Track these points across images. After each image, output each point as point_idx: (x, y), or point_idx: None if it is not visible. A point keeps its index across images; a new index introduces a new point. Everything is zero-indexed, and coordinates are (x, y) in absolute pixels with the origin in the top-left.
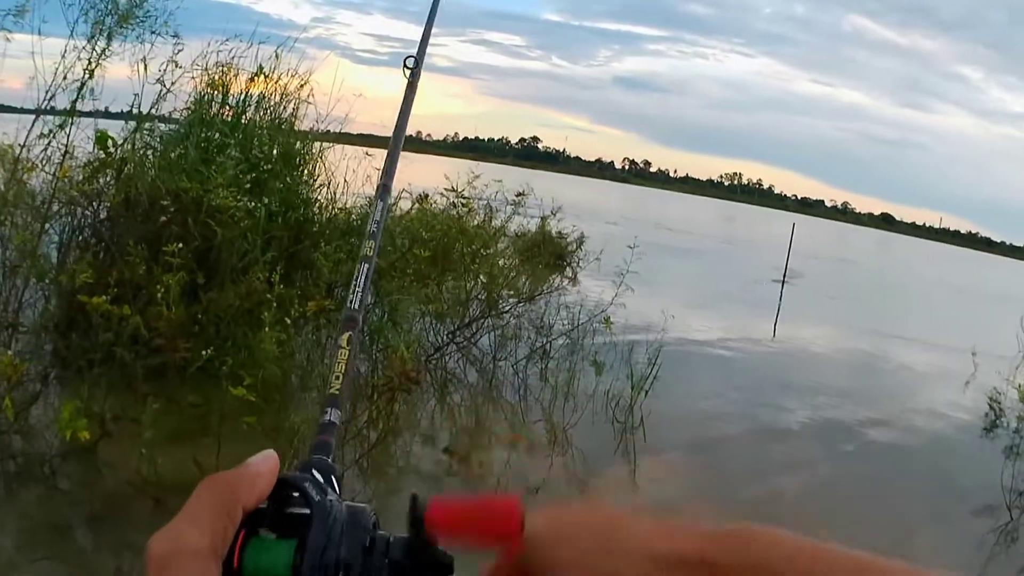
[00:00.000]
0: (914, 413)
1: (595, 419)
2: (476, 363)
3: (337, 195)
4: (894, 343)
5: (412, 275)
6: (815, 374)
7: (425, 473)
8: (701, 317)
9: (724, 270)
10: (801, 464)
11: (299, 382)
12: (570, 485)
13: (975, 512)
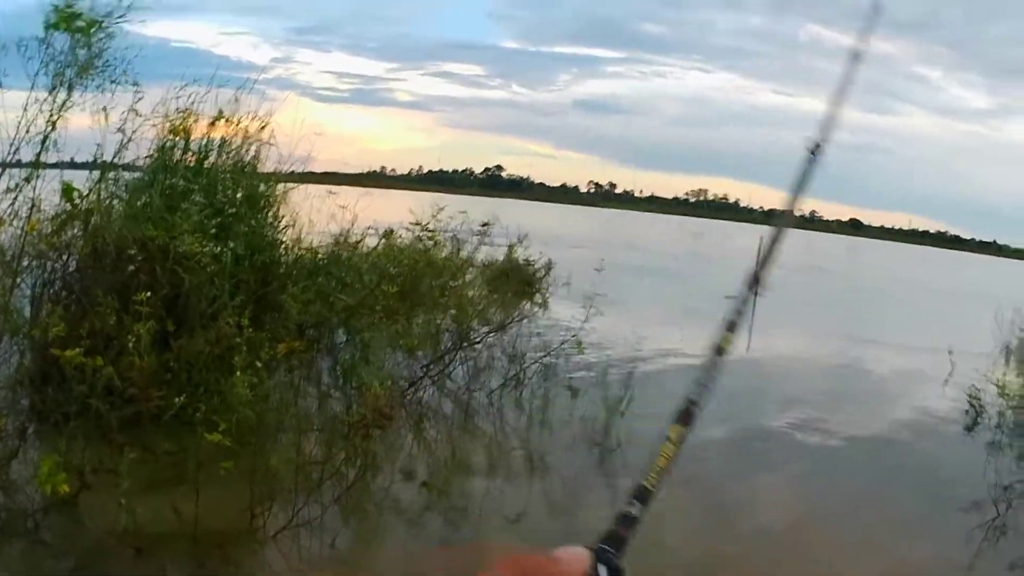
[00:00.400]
0: (895, 415)
1: (573, 444)
2: (451, 395)
3: (302, 235)
4: (871, 347)
5: (381, 312)
6: (794, 383)
7: (405, 509)
8: (674, 335)
9: (694, 286)
10: (788, 472)
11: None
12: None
13: (963, 509)
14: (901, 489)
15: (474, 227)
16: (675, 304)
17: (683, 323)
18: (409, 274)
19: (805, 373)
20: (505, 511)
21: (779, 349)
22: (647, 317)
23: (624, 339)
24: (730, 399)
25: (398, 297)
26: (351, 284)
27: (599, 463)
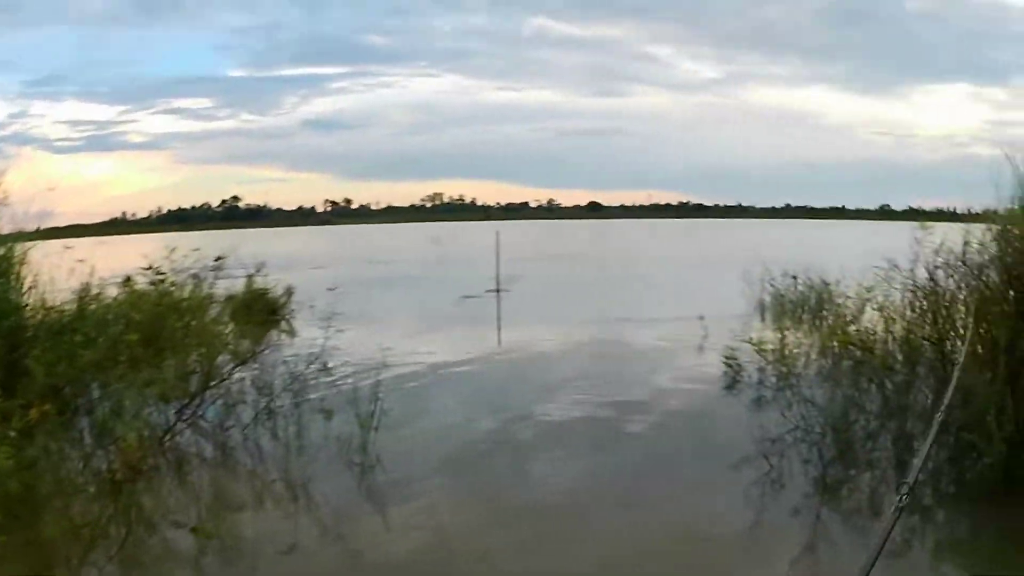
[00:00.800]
0: (658, 387)
1: (331, 466)
2: (207, 435)
3: (46, 295)
4: (624, 326)
5: (126, 362)
6: (553, 372)
7: (179, 557)
8: (416, 341)
9: (439, 291)
10: (563, 457)
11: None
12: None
13: (736, 466)
14: (675, 457)
15: (208, 263)
16: (416, 311)
17: (424, 329)
18: (152, 319)
19: (563, 360)
20: (277, 543)
21: (533, 341)
22: (390, 328)
23: (369, 354)
24: (493, 397)
25: (144, 344)
26: (95, 338)
27: (360, 481)
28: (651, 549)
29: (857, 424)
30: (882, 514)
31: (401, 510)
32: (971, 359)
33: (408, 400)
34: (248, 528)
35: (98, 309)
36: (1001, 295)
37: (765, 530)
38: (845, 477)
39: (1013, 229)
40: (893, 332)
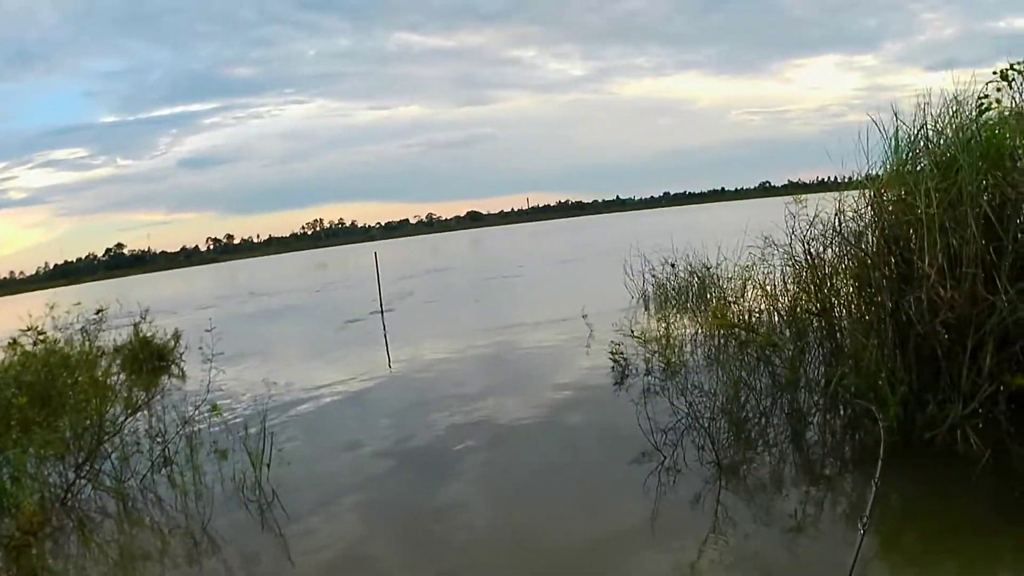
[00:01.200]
0: (550, 389)
1: (229, 507)
2: (107, 490)
3: None
4: (510, 333)
5: (17, 425)
6: (444, 386)
7: None
8: (312, 370)
9: (324, 317)
10: (467, 470)
11: None
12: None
13: (634, 461)
14: (574, 459)
15: (90, 316)
16: (303, 340)
17: (312, 357)
18: (43, 379)
19: (454, 373)
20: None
21: (423, 357)
22: (278, 360)
23: (259, 388)
24: (388, 417)
25: (38, 403)
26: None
27: (259, 519)
28: (567, 552)
29: (748, 404)
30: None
31: (302, 541)
32: (858, 325)
33: (302, 430)
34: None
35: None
36: (881, 260)
37: (669, 520)
38: (742, 458)
39: (886, 192)
40: (778, 308)
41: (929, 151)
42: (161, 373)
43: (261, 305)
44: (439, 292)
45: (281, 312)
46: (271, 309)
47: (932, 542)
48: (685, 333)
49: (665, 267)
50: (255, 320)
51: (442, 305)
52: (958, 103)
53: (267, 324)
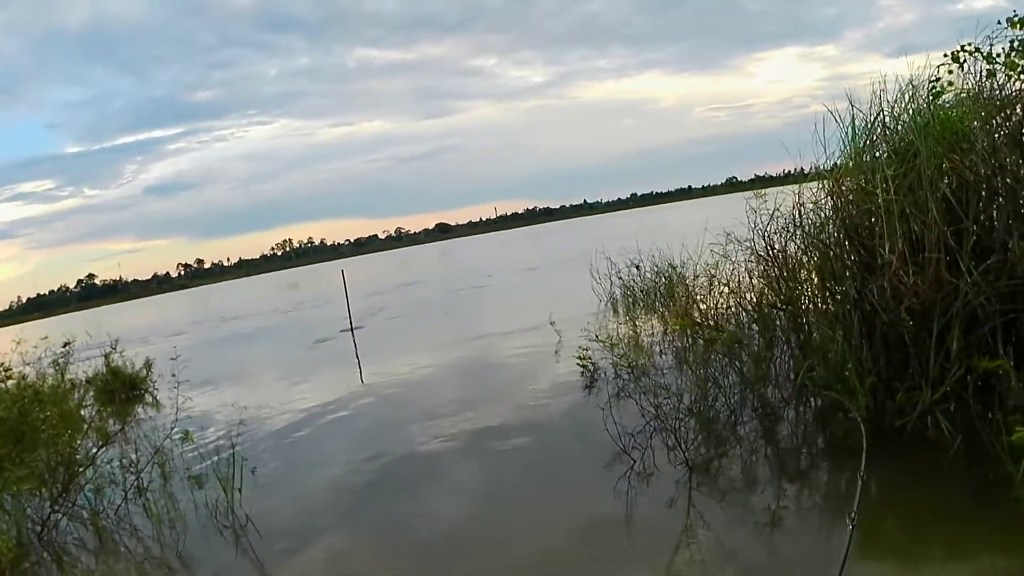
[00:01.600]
0: (522, 398)
1: (205, 534)
2: (83, 522)
3: None
4: (479, 344)
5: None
6: (417, 401)
7: None
8: (284, 393)
9: (295, 338)
10: (442, 483)
11: None
12: None
13: (606, 465)
14: (548, 468)
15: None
16: (274, 362)
17: (284, 378)
18: (16, 414)
19: (426, 388)
20: None
21: (394, 373)
22: (250, 384)
23: (231, 413)
24: (361, 436)
25: (12, 439)
26: None
27: (234, 544)
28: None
29: (717, 403)
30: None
31: (279, 565)
32: (823, 317)
33: (278, 452)
34: None
35: None
36: (843, 250)
37: (643, 523)
38: (712, 456)
39: (846, 182)
40: (743, 304)
41: (887, 137)
42: (134, 403)
43: (232, 329)
44: (409, 306)
45: (252, 335)
46: (242, 333)
47: (908, 529)
48: (654, 334)
49: (631, 269)
50: (226, 344)
51: (412, 319)
52: (914, 88)
53: (238, 348)
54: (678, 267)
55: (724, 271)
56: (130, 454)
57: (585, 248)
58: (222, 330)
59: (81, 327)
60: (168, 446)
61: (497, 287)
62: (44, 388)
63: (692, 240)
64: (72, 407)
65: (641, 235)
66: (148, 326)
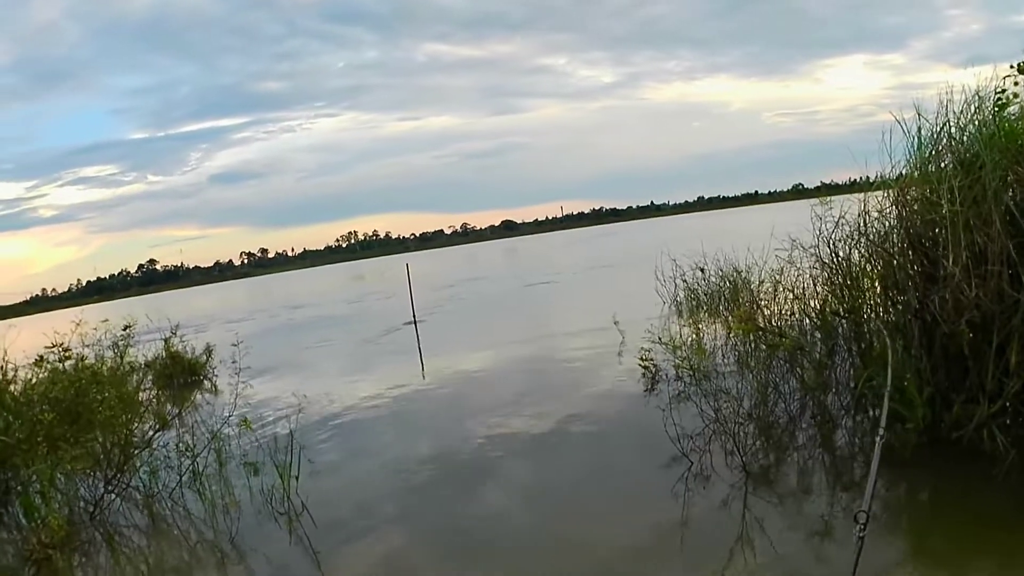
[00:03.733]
0: (583, 398)
1: (259, 520)
2: (135, 504)
3: None
4: (542, 342)
5: (44, 442)
6: (478, 396)
7: None
8: (346, 382)
9: (357, 330)
10: (499, 479)
11: None
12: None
13: (664, 466)
14: (606, 467)
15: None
16: (337, 352)
17: (346, 369)
18: (73, 395)
19: (487, 384)
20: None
21: (456, 368)
22: (312, 373)
23: (292, 401)
24: (420, 429)
25: (68, 420)
26: (13, 423)
27: (288, 532)
28: (599, 559)
29: (777, 408)
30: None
31: (333, 554)
32: (884, 326)
33: (336, 441)
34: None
35: (16, 392)
36: (906, 259)
37: (698, 526)
38: (770, 462)
39: (911, 192)
40: (806, 311)
41: (952, 148)
42: (193, 388)
43: (295, 318)
44: (473, 302)
45: (315, 325)
46: (305, 322)
47: (959, 541)
48: (716, 338)
49: (695, 272)
50: (289, 333)
51: (476, 315)
52: (979, 99)
53: (300, 337)
54: (743, 272)
55: (788, 277)
56: (186, 438)
57: (650, 249)
58: (285, 319)
59: (141, 311)
60: (225, 432)
61: (561, 286)
62: (102, 370)
63: (758, 245)
64: (130, 390)
65: (707, 238)
66: (210, 313)
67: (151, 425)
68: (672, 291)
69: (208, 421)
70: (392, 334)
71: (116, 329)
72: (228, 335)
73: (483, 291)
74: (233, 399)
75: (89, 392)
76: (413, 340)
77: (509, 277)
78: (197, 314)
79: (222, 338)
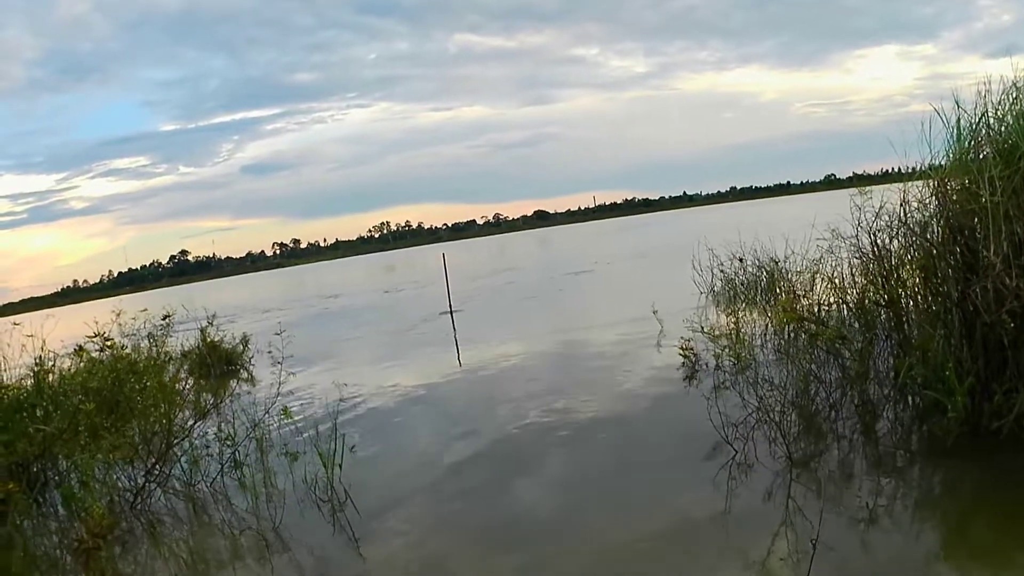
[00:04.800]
0: (622, 387)
1: (301, 509)
2: (176, 493)
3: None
4: (580, 332)
5: (85, 431)
6: (516, 385)
7: None
8: (382, 372)
9: (392, 320)
10: (539, 468)
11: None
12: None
13: (706, 456)
14: (647, 455)
15: (157, 323)
16: (372, 342)
17: (382, 358)
18: (111, 385)
19: (526, 372)
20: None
21: (493, 357)
22: (349, 362)
23: (330, 390)
24: (459, 417)
25: (106, 409)
26: (52, 412)
27: (331, 520)
28: (639, 549)
29: (819, 397)
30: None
31: (375, 542)
32: (924, 316)
33: (375, 430)
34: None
35: (55, 382)
36: (946, 249)
37: (741, 514)
38: (812, 451)
39: (950, 182)
40: (846, 301)
41: (991, 139)
42: (230, 377)
43: (329, 308)
44: (508, 292)
45: (350, 315)
46: (339, 312)
47: (998, 530)
48: (754, 328)
49: (733, 262)
50: (324, 323)
51: (511, 304)
52: (1017, 89)
53: (336, 327)
54: (780, 262)
55: (827, 267)
56: (226, 428)
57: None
58: (319, 309)
59: (174, 302)
60: (265, 421)
61: (597, 275)
62: (140, 359)
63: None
64: (167, 379)
65: (742, 229)
66: (243, 303)
67: (191, 414)
68: (709, 281)
69: (248, 410)
70: (428, 324)
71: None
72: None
73: (518, 281)
74: (276, 388)
75: (127, 382)
76: (449, 330)
77: (543, 267)
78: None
79: (258, 328)
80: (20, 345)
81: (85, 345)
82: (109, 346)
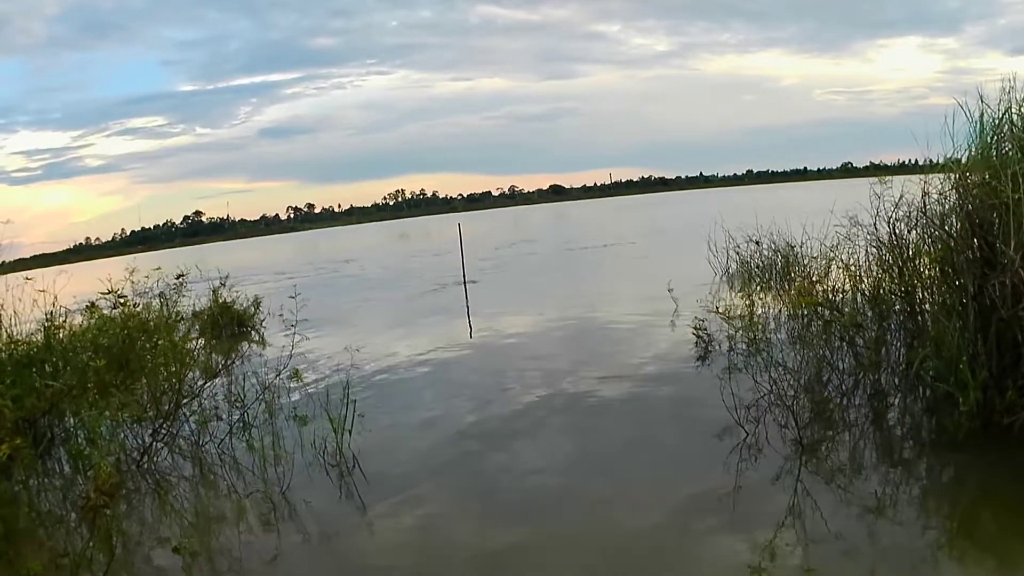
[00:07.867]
0: (634, 364)
1: (310, 473)
2: (183, 453)
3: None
4: (593, 305)
5: (94, 388)
6: (528, 357)
7: None
8: (395, 339)
9: (405, 287)
10: (547, 442)
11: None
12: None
13: (716, 436)
14: (657, 433)
15: (170, 282)
16: (385, 309)
17: (395, 325)
18: (121, 343)
19: (538, 346)
20: (261, 554)
21: (505, 329)
22: (361, 328)
23: (341, 355)
24: (469, 387)
25: (115, 367)
26: (62, 369)
27: (339, 484)
28: (645, 526)
29: (831, 384)
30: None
31: (382, 509)
32: (940, 308)
33: (384, 398)
34: (230, 543)
35: (65, 338)
36: (965, 243)
37: (749, 497)
38: (823, 437)
39: (972, 176)
40: (861, 289)
41: (1014, 135)
42: (241, 339)
43: (342, 273)
44: (523, 264)
45: (362, 281)
46: (352, 278)
47: (1008, 525)
48: (769, 311)
49: (749, 244)
50: (336, 288)
51: (525, 277)
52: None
53: (348, 292)
54: (796, 247)
55: (842, 254)
56: (236, 389)
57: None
58: (331, 273)
59: (187, 262)
60: (275, 384)
61: (612, 252)
62: (151, 318)
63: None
64: (178, 339)
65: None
66: (256, 265)
67: (200, 374)
68: (724, 262)
69: (258, 372)
70: (440, 293)
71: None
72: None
73: (533, 253)
74: (284, 351)
75: (138, 340)
76: (462, 299)
77: (559, 241)
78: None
79: (270, 290)
80: (32, 300)
81: (97, 302)
82: (123, 303)
